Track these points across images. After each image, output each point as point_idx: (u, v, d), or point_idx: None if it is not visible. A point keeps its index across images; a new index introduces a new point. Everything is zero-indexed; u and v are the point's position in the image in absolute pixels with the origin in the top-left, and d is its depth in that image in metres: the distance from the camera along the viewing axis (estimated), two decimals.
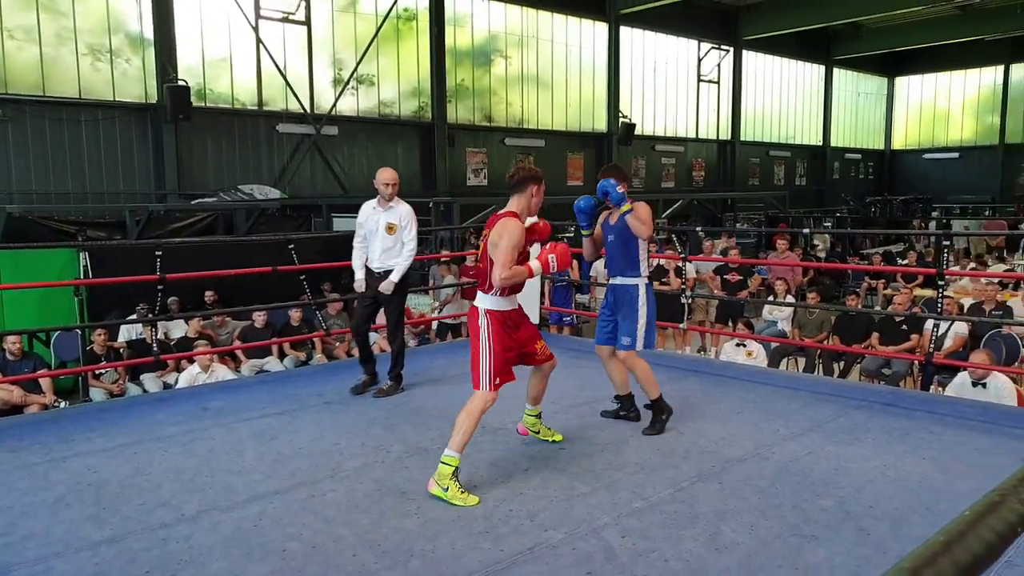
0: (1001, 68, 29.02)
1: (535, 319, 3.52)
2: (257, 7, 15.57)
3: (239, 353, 8.61)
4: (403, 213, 5.41)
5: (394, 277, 5.35)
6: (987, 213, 24.41)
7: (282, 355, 8.80)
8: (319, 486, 3.72)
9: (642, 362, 4.43)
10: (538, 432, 4.31)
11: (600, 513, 3.38)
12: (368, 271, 5.44)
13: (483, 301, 3.78)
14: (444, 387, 5.64)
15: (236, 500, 3.56)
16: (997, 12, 23.54)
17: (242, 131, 15.83)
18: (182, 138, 14.73)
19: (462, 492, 3.51)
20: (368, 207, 5.45)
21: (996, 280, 8.61)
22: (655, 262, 10.35)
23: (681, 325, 7.52)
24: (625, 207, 4.31)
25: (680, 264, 7.57)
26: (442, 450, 3.59)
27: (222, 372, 7.52)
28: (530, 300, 6.12)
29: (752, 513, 3.36)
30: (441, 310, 10.13)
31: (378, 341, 9.43)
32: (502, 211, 3.82)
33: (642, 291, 4.41)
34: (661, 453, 4.14)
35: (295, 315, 8.80)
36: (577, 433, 4.43)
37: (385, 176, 5.38)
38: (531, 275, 3.76)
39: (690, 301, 7.07)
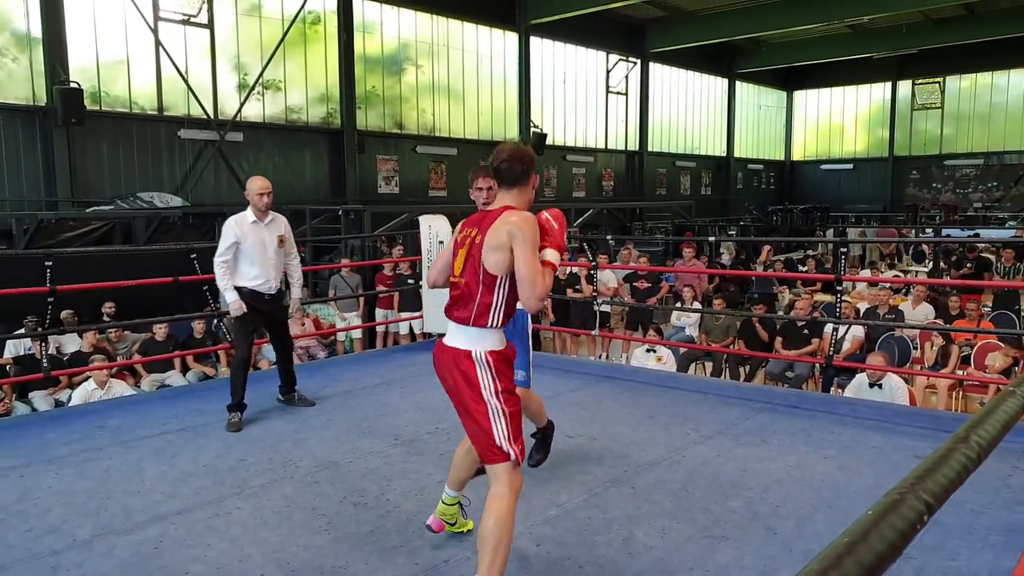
0: (889, 84, 30.68)
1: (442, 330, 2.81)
2: (156, 8, 14.97)
3: (139, 367, 8.25)
4: (285, 223, 5.11)
5: (299, 294, 5.37)
6: (878, 221, 25.66)
7: (185, 369, 8.48)
8: (224, 504, 3.58)
9: (535, 396, 3.75)
10: (454, 524, 3.17)
11: (515, 522, 3.36)
12: (254, 293, 4.91)
13: (476, 339, 2.63)
14: (353, 400, 5.54)
15: (134, 522, 3.40)
16: (884, 32, 24.95)
17: (141, 136, 15.19)
18: (75, 143, 14.01)
19: None
20: (244, 222, 4.87)
21: (888, 285, 9.05)
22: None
23: (593, 331, 7.61)
24: None
25: (591, 271, 7.65)
26: (353, 464, 3.48)
27: (120, 388, 7.17)
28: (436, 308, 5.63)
29: (664, 516, 3.41)
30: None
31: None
32: (494, 207, 2.70)
33: (530, 317, 3.74)
34: (574, 459, 4.16)
35: (198, 327, 8.50)
36: None
37: (262, 184, 4.90)
38: (555, 271, 2.72)
39: (600, 308, 7.15)
